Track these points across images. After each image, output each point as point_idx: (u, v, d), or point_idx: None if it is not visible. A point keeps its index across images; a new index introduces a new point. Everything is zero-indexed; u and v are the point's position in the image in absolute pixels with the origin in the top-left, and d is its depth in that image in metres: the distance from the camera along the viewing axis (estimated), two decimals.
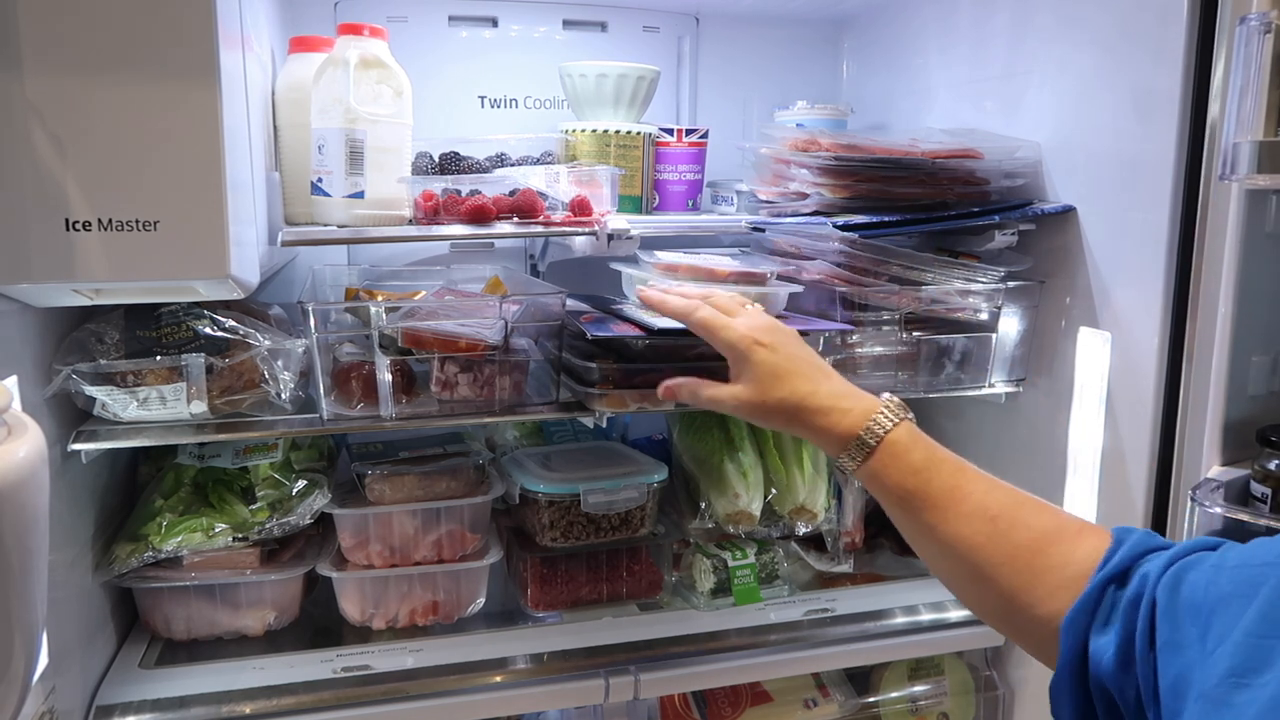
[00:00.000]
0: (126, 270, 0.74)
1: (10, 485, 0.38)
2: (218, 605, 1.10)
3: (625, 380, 1.05)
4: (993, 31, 1.25)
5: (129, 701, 0.99)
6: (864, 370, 1.15)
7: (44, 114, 0.70)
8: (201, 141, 0.74)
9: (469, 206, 1.02)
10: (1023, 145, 1.17)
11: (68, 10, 0.69)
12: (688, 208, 1.30)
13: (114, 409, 0.94)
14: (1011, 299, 1.16)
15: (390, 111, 1.01)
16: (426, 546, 1.12)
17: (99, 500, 1.07)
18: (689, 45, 1.51)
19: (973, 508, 0.69)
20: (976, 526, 0.68)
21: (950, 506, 0.70)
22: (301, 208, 1.06)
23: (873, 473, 0.74)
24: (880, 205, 1.13)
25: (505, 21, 1.41)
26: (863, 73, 1.57)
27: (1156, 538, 0.64)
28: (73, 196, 0.72)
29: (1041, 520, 0.68)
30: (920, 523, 0.72)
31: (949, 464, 0.73)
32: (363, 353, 1.03)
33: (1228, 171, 0.81)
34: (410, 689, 1.04)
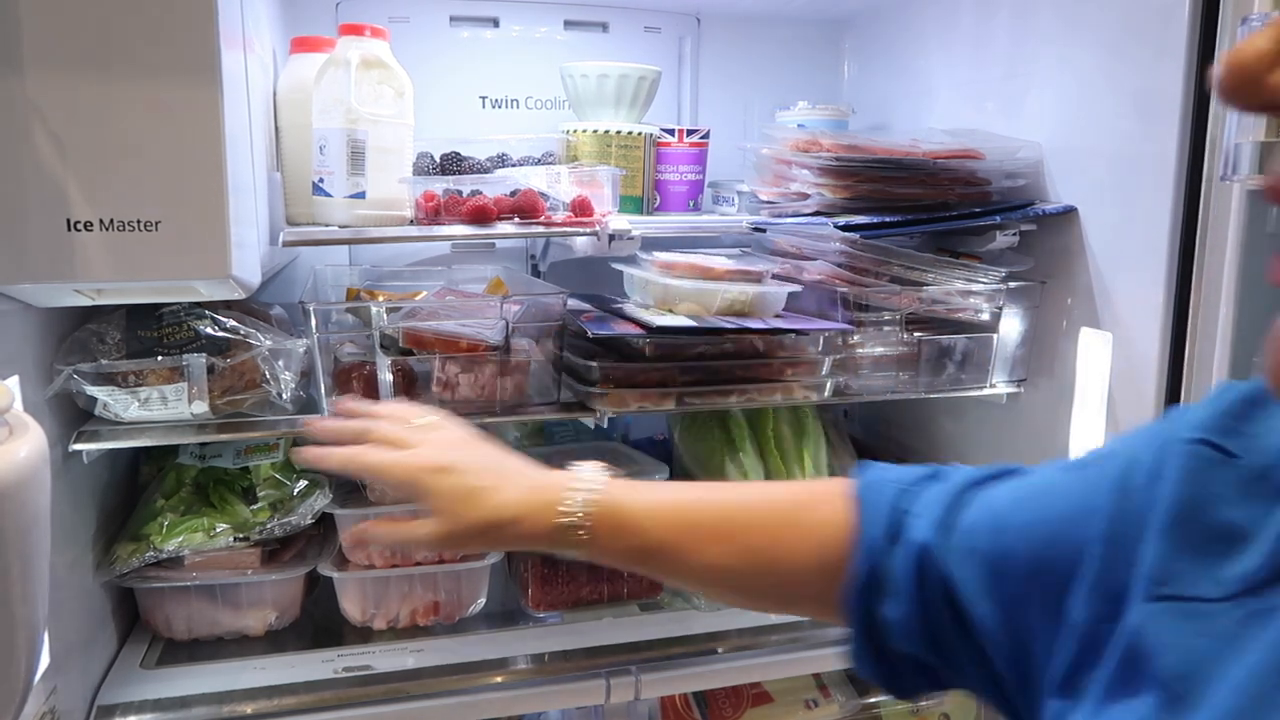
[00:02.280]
0: (128, 270, 0.74)
1: (12, 485, 0.38)
2: (219, 605, 1.10)
3: (626, 379, 1.05)
4: (994, 32, 1.25)
5: (130, 701, 0.99)
6: (864, 371, 1.15)
7: (46, 114, 0.70)
8: (203, 142, 0.74)
9: (470, 207, 1.02)
10: (1024, 146, 1.17)
11: (69, 10, 0.69)
12: (689, 208, 1.30)
13: (115, 409, 0.94)
14: (1013, 299, 1.16)
15: (392, 112, 1.01)
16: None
17: (100, 500, 1.07)
18: (690, 46, 1.51)
19: (702, 539, 0.68)
20: (714, 553, 0.68)
21: (681, 551, 0.69)
22: (303, 208, 1.06)
23: (601, 551, 0.71)
24: (881, 206, 1.13)
25: (506, 22, 1.42)
26: (864, 73, 1.57)
27: (899, 480, 0.64)
28: (74, 196, 0.72)
29: (773, 513, 0.69)
30: (662, 573, 0.72)
31: (666, 506, 0.70)
32: (364, 353, 1.03)
33: (1229, 172, 0.81)
34: (411, 689, 1.04)
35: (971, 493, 0.60)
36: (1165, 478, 0.46)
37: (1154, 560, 0.44)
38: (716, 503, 0.71)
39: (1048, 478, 0.56)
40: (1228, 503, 0.43)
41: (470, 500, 0.71)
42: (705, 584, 0.72)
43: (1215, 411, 0.47)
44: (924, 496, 0.62)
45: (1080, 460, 0.56)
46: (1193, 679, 0.40)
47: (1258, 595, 0.40)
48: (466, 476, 0.72)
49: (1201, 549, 0.43)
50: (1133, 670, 0.42)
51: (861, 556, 0.61)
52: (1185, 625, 0.42)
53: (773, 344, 1.10)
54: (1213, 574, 0.42)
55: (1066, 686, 0.47)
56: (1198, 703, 0.40)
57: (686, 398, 1.07)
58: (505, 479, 0.73)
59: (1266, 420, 0.45)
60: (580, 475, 0.72)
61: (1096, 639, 0.46)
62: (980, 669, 0.55)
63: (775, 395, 1.11)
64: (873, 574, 0.61)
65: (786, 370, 1.11)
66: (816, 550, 0.65)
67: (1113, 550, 0.47)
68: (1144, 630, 0.43)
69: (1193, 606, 0.42)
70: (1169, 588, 0.43)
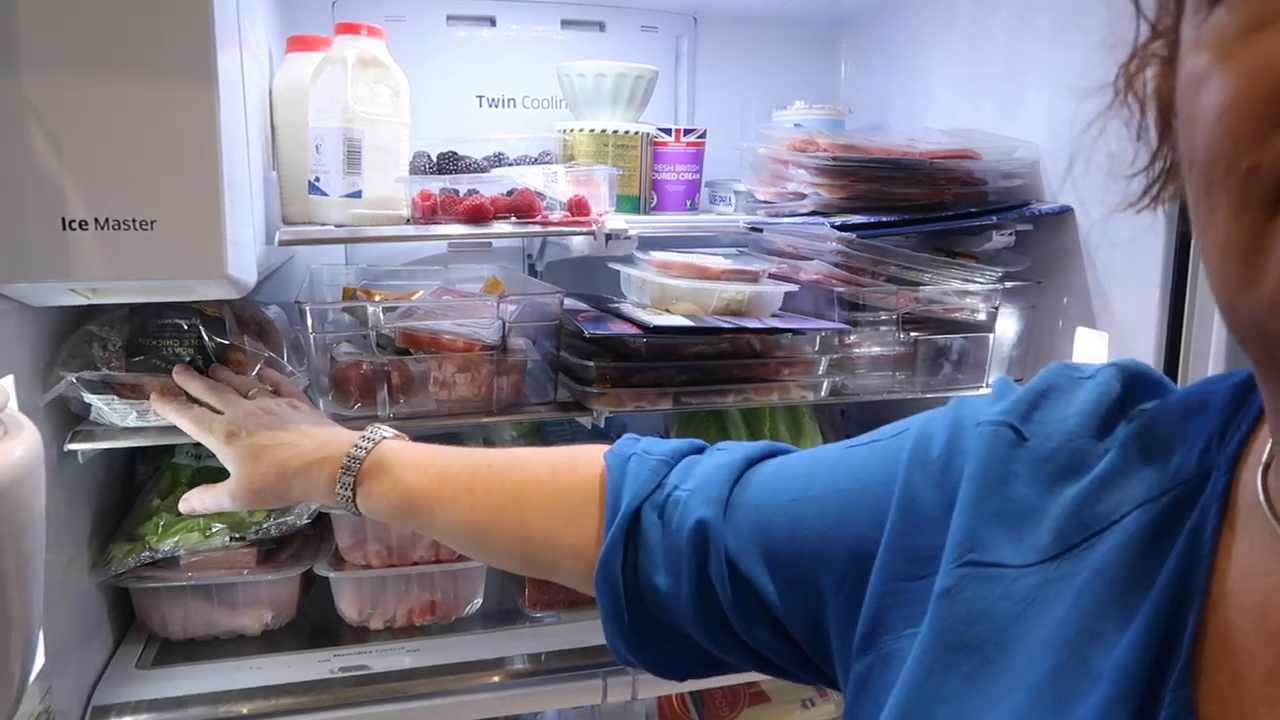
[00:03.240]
0: (123, 269, 0.74)
1: (7, 485, 0.38)
2: (215, 605, 1.10)
3: (623, 379, 1.05)
4: (991, 32, 1.25)
5: (125, 702, 0.99)
6: (861, 370, 1.15)
7: (41, 113, 0.70)
8: (198, 141, 0.73)
9: (467, 206, 1.02)
10: (1021, 146, 1.17)
11: (65, 10, 0.69)
12: (685, 207, 1.30)
13: (113, 418, 0.93)
14: (1009, 299, 1.16)
15: (388, 111, 1.01)
16: (424, 546, 1.12)
17: (95, 500, 1.07)
18: (687, 45, 1.51)
19: (453, 493, 0.71)
20: (462, 507, 0.71)
21: (433, 504, 0.72)
22: (299, 207, 1.06)
23: (370, 503, 0.75)
24: (878, 205, 1.14)
25: (503, 21, 1.41)
26: (861, 73, 1.57)
27: (661, 454, 0.66)
28: (69, 195, 0.72)
29: (525, 474, 0.71)
30: (422, 528, 0.75)
31: (426, 462, 0.74)
32: (360, 352, 1.03)
33: None
34: (408, 689, 1.04)
35: (752, 469, 0.62)
36: (968, 454, 0.49)
37: (962, 529, 0.47)
38: (474, 461, 0.73)
39: (837, 452, 0.59)
40: (1021, 480, 0.47)
41: (259, 457, 0.79)
42: (455, 539, 0.74)
43: (1014, 399, 0.51)
44: (694, 472, 0.63)
45: (868, 436, 0.58)
46: (997, 636, 0.43)
47: (1053, 563, 0.44)
48: (256, 437, 0.81)
49: (1002, 521, 0.46)
50: (943, 629, 0.45)
51: (617, 526, 0.63)
52: (989, 588, 0.45)
53: (769, 344, 1.10)
54: (1013, 544, 0.45)
55: (867, 646, 0.49)
56: (1002, 658, 0.43)
57: (683, 397, 1.07)
58: (296, 436, 0.81)
59: (1051, 409, 0.49)
60: (365, 434, 0.77)
61: (898, 599, 0.48)
62: (778, 640, 0.57)
63: (772, 395, 1.11)
64: (630, 543, 0.63)
65: (783, 370, 1.11)
66: (564, 515, 0.67)
67: (911, 516, 0.50)
68: (952, 592, 0.45)
69: (997, 572, 0.45)
70: (975, 554, 0.46)
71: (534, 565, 0.71)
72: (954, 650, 0.44)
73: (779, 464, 0.62)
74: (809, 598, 0.54)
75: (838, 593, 0.53)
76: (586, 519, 0.67)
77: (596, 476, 0.68)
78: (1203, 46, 0.32)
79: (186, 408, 0.87)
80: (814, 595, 0.54)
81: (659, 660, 0.65)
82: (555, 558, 0.68)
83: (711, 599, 0.59)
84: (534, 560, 0.70)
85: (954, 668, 0.44)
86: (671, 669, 0.65)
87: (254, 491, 0.80)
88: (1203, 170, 0.33)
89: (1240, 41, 0.30)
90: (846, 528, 0.53)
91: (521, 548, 0.69)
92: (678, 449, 0.67)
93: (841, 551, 0.53)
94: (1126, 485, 0.44)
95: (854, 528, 0.53)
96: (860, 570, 0.51)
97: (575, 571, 0.67)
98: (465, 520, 0.71)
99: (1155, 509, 0.42)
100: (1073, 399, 0.49)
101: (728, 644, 0.60)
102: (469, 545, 0.73)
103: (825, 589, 0.54)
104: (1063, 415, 0.49)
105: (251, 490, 0.80)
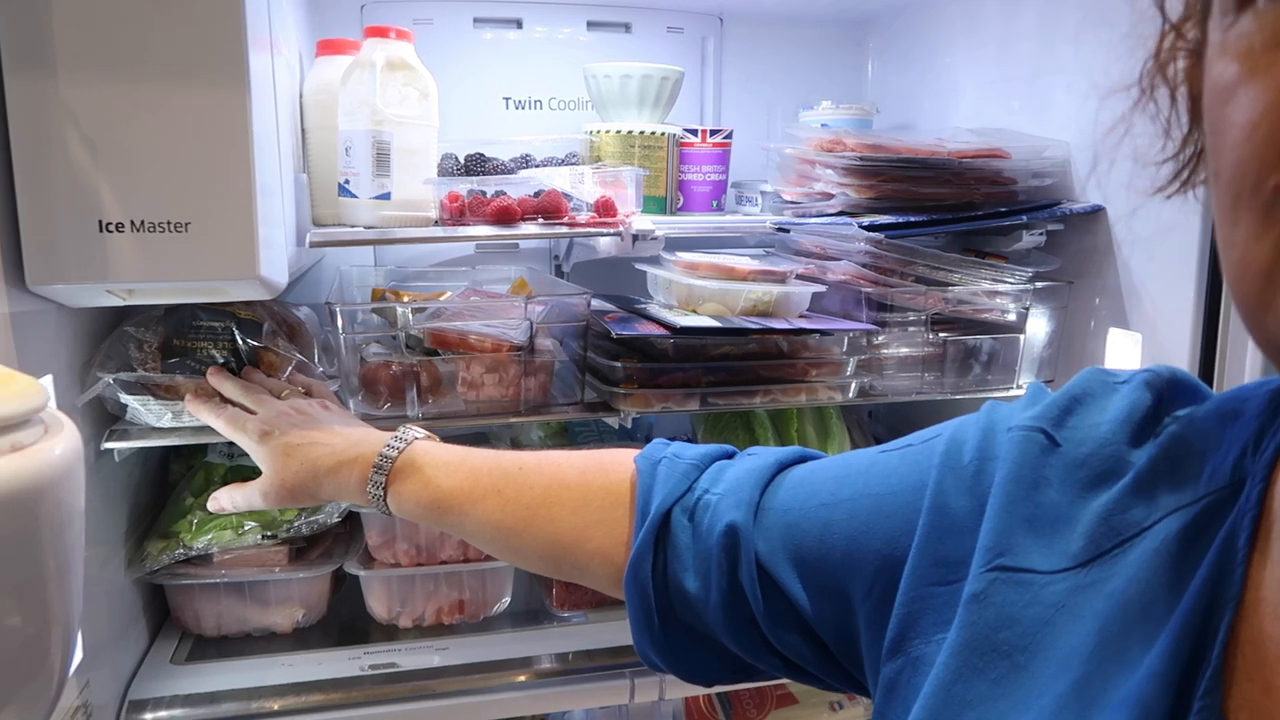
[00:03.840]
0: (158, 271, 0.75)
1: (48, 482, 0.39)
2: (247, 602, 1.11)
3: (650, 379, 1.05)
4: (1020, 31, 1.24)
5: (161, 697, 1.00)
6: (889, 371, 1.14)
7: (78, 117, 0.71)
8: (231, 144, 0.74)
9: (494, 207, 1.03)
10: (1051, 145, 1.16)
11: (100, 15, 0.71)
12: (712, 208, 1.30)
13: (148, 418, 0.95)
14: (1039, 300, 1.15)
15: (416, 113, 1.02)
16: (452, 545, 1.13)
17: (131, 498, 1.09)
18: (713, 46, 1.51)
19: (483, 494, 0.72)
20: (491, 507, 0.71)
21: (463, 504, 0.72)
22: (329, 209, 1.07)
23: (400, 503, 0.75)
24: (906, 205, 1.13)
25: (530, 23, 1.42)
26: (888, 72, 1.56)
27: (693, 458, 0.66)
28: (105, 199, 0.73)
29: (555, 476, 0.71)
30: (452, 529, 0.74)
31: (457, 463, 0.75)
32: (389, 353, 1.04)
33: None
34: (436, 687, 1.05)
35: (783, 474, 0.61)
36: (1000, 459, 0.49)
37: (993, 533, 0.47)
38: (504, 462, 0.74)
39: (869, 457, 0.59)
40: (1053, 486, 0.47)
41: (291, 454, 0.80)
42: (484, 540, 0.74)
43: (1047, 404, 0.51)
44: (725, 476, 0.63)
45: (900, 441, 0.58)
46: (1026, 642, 0.43)
47: (1083, 569, 0.44)
48: (289, 436, 0.81)
49: (1033, 526, 0.46)
50: (971, 633, 0.45)
51: (646, 528, 0.62)
52: (1019, 594, 0.44)
53: (797, 344, 1.10)
54: (1043, 549, 0.45)
55: (896, 650, 0.49)
56: (1031, 663, 0.43)
57: (710, 398, 1.07)
58: (329, 436, 0.81)
59: (1085, 415, 0.49)
60: (397, 435, 0.78)
61: (928, 604, 0.48)
62: (808, 645, 0.57)
63: (799, 396, 1.11)
64: (660, 546, 0.62)
65: (810, 371, 1.10)
66: (594, 517, 0.68)
67: (942, 521, 0.50)
68: (981, 596, 0.45)
69: (1027, 577, 0.45)
70: (1005, 559, 0.46)
71: (562, 567, 0.70)
72: (982, 655, 0.44)
73: (810, 468, 0.62)
74: (838, 602, 0.54)
75: (867, 597, 0.52)
76: (616, 522, 0.67)
77: (626, 480, 0.68)
78: (1230, 55, 0.32)
79: (220, 408, 0.88)
80: (843, 600, 0.54)
81: (688, 665, 0.64)
82: (584, 560, 0.68)
83: (741, 603, 0.59)
84: (562, 562, 0.70)
85: (981, 672, 0.44)
86: (700, 674, 0.65)
87: (286, 489, 0.81)
88: (1229, 186, 0.33)
89: (1268, 55, 0.30)
90: (876, 532, 0.53)
91: (550, 549, 0.69)
92: (708, 453, 0.67)
93: (871, 556, 0.53)
94: (1159, 492, 0.44)
95: (884, 532, 0.53)
96: (890, 575, 0.51)
97: (604, 574, 0.68)
98: (495, 521, 0.71)
99: (1187, 516, 0.42)
100: (1107, 405, 0.49)
101: (757, 649, 0.60)
102: (498, 546, 0.73)
103: (855, 594, 0.53)
104: (1096, 421, 0.48)
105: (284, 488, 0.81)
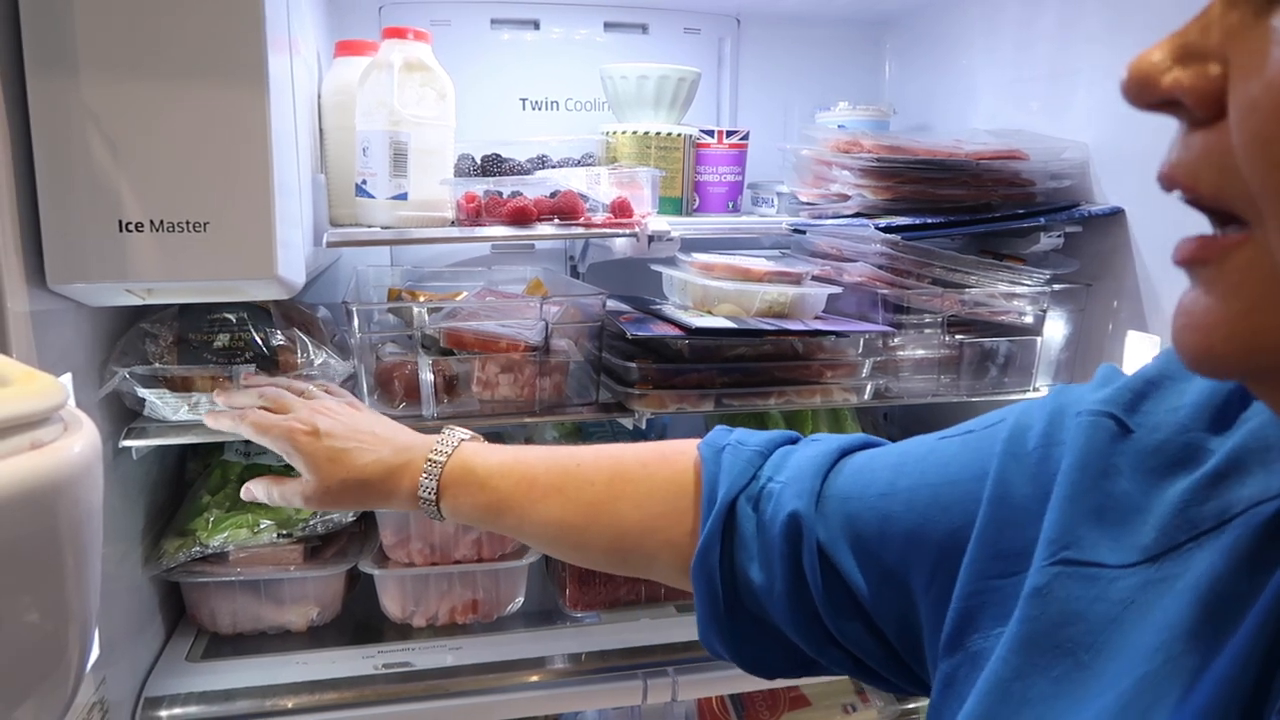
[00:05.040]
0: (177, 270, 0.76)
1: (67, 480, 0.39)
2: (262, 600, 1.12)
3: (664, 380, 1.05)
4: (1039, 32, 1.23)
5: (176, 694, 1.01)
6: (905, 373, 1.14)
7: (99, 118, 0.72)
8: (250, 145, 0.75)
9: (510, 208, 1.03)
10: (1070, 146, 1.15)
11: (121, 16, 0.71)
12: (728, 209, 1.30)
13: (164, 411, 0.95)
14: (1057, 302, 1.14)
15: (433, 114, 1.02)
16: (466, 545, 1.13)
17: (148, 495, 1.09)
18: (730, 47, 1.50)
19: (543, 493, 0.70)
20: (552, 506, 0.70)
21: (522, 505, 0.71)
22: (346, 209, 1.07)
23: (454, 508, 0.74)
24: (923, 207, 1.12)
25: (547, 24, 1.42)
26: (905, 73, 1.56)
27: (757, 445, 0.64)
28: (126, 198, 0.73)
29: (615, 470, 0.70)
30: (510, 530, 0.73)
31: (511, 463, 0.73)
32: (405, 353, 1.04)
33: None
34: (450, 686, 1.05)
35: (844, 460, 0.60)
36: (1067, 445, 0.47)
37: (1057, 525, 0.44)
38: (561, 459, 0.72)
39: (928, 444, 0.57)
40: (1123, 475, 0.44)
41: (338, 460, 0.77)
42: (545, 540, 0.72)
43: (1118, 388, 0.48)
44: (788, 464, 0.62)
45: (962, 427, 0.56)
46: (1091, 640, 0.41)
47: (1154, 564, 0.41)
48: (335, 440, 0.78)
49: (1101, 517, 0.44)
50: (1032, 629, 0.43)
51: (714, 518, 0.61)
52: (1085, 589, 0.42)
53: (812, 346, 1.09)
54: (1111, 542, 0.43)
55: (955, 645, 0.47)
56: (1096, 662, 0.41)
57: (725, 399, 1.07)
58: (376, 442, 0.78)
59: (1161, 400, 0.46)
60: (443, 438, 0.76)
61: (988, 597, 0.46)
62: (870, 636, 0.56)
63: (815, 397, 1.10)
64: (727, 535, 0.61)
65: (826, 372, 1.10)
66: (660, 508, 0.66)
67: (1004, 511, 0.47)
68: (1044, 591, 0.43)
69: (1094, 571, 0.43)
70: (1070, 552, 0.43)
71: (629, 561, 0.69)
72: (1044, 652, 0.42)
73: (869, 455, 0.60)
74: (899, 594, 0.53)
75: (928, 589, 0.51)
76: (682, 513, 0.65)
77: (690, 469, 0.66)
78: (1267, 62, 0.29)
79: (242, 414, 0.85)
80: (904, 591, 0.52)
81: (752, 656, 0.63)
82: (651, 551, 0.67)
83: (804, 593, 0.57)
84: (629, 555, 0.68)
85: (1043, 670, 0.42)
86: (764, 666, 0.63)
87: (331, 496, 0.79)
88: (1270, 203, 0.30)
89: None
90: (935, 523, 0.51)
91: (617, 543, 0.68)
92: (772, 439, 0.65)
93: (930, 548, 0.51)
94: (1240, 484, 0.41)
95: (943, 523, 0.51)
96: (950, 568, 0.49)
97: (671, 565, 0.66)
98: (557, 520, 0.69)
99: (1269, 510, 0.39)
100: (1187, 388, 0.45)
101: (820, 640, 0.58)
102: (560, 545, 0.72)
103: (915, 586, 0.52)
104: (1175, 405, 0.45)
105: (329, 495, 0.79)
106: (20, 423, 0.38)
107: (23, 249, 0.72)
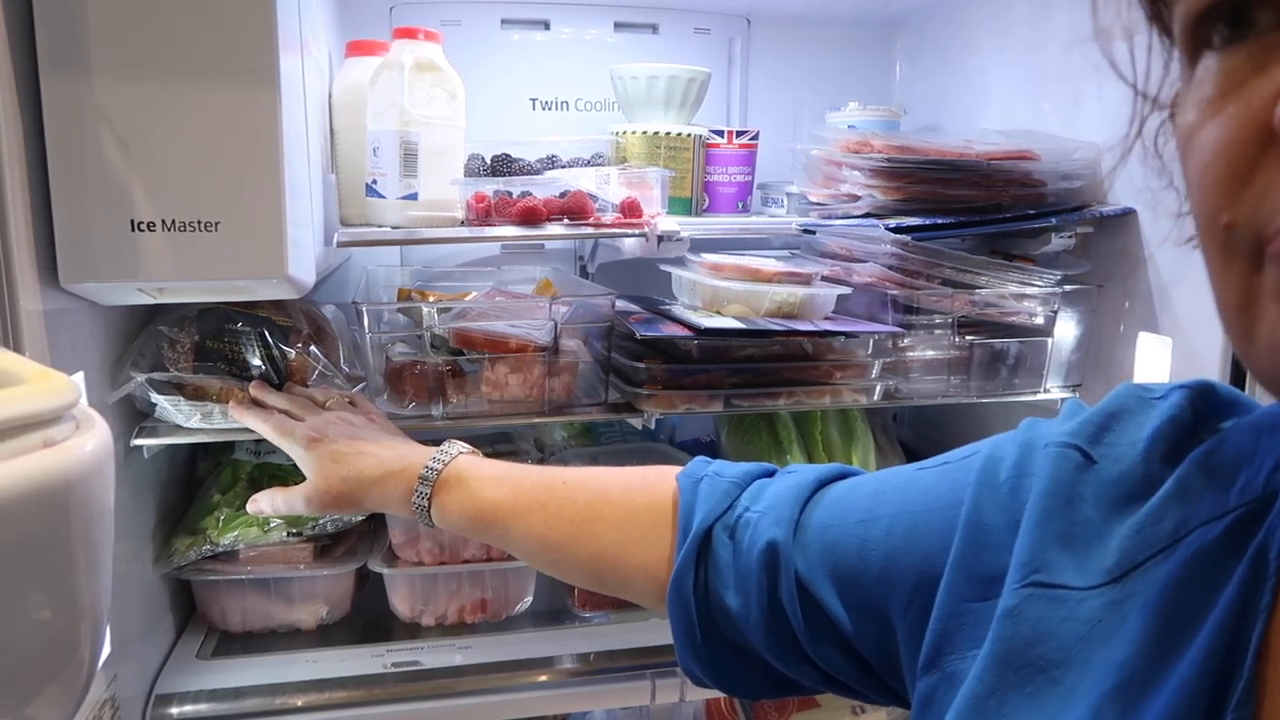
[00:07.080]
0: (188, 269, 0.76)
1: (78, 478, 0.39)
2: (272, 599, 1.12)
3: (673, 381, 1.05)
4: (1050, 32, 1.22)
5: (186, 691, 1.01)
6: (915, 374, 1.14)
7: (112, 118, 0.72)
8: (262, 145, 0.75)
9: (520, 208, 1.03)
10: (1081, 147, 1.15)
11: (134, 17, 0.71)
12: (738, 210, 1.30)
13: (177, 419, 0.95)
14: (1068, 303, 1.14)
15: (444, 114, 1.02)
16: (475, 545, 1.13)
17: (159, 494, 1.10)
18: (740, 47, 1.50)
19: (527, 508, 0.73)
20: (535, 522, 0.72)
21: (507, 518, 0.73)
22: (356, 209, 1.07)
23: (445, 515, 0.76)
24: (934, 208, 1.12)
25: (557, 24, 1.42)
26: (916, 74, 1.55)
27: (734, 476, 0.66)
28: (138, 198, 0.74)
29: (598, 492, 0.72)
30: (496, 541, 0.75)
31: (501, 477, 0.76)
32: (415, 352, 1.04)
33: None
34: (458, 686, 1.05)
35: (822, 491, 0.62)
36: (1036, 475, 0.49)
37: (1027, 549, 0.47)
38: (548, 477, 0.74)
39: (906, 474, 0.59)
40: (1087, 503, 0.47)
41: (338, 462, 0.81)
42: (528, 553, 0.74)
43: (1082, 421, 0.50)
44: (765, 494, 0.63)
45: (938, 459, 0.58)
46: (1061, 657, 0.43)
47: (1117, 584, 0.44)
48: (338, 444, 0.83)
49: (1068, 542, 0.46)
50: (1006, 648, 0.45)
51: (688, 546, 0.63)
52: (1054, 609, 0.45)
53: (821, 346, 1.09)
54: (1077, 565, 0.45)
55: (932, 666, 0.49)
56: (1067, 677, 0.43)
57: (734, 400, 1.07)
58: (376, 447, 0.82)
59: (1123, 432, 0.49)
60: (442, 449, 0.79)
61: (964, 620, 0.48)
62: (849, 661, 0.57)
63: (824, 398, 1.10)
64: (701, 563, 0.63)
65: (835, 373, 1.10)
66: (637, 533, 0.68)
67: (978, 537, 0.50)
68: (1015, 612, 0.45)
69: (1062, 593, 0.45)
70: (1040, 575, 0.46)
71: (605, 582, 0.71)
72: (1018, 670, 0.44)
73: (848, 485, 0.62)
74: (878, 619, 0.54)
75: (905, 614, 0.52)
76: (659, 539, 0.67)
77: (669, 496, 0.68)
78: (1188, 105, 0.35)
79: (267, 414, 0.90)
80: (883, 616, 0.54)
81: (730, 680, 0.65)
82: (626, 575, 0.69)
83: (781, 620, 0.59)
84: (605, 577, 0.70)
85: (1016, 687, 0.44)
86: (743, 689, 0.65)
87: (331, 496, 0.82)
88: (1199, 230, 0.35)
89: (1215, 104, 0.33)
90: (913, 549, 0.53)
91: (593, 564, 0.70)
92: (749, 471, 0.67)
93: (908, 573, 0.53)
94: (1190, 505, 0.44)
95: (921, 549, 0.53)
96: (927, 592, 0.51)
97: (647, 590, 0.68)
98: (538, 535, 0.72)
99: (1219, 528, 0.42)
100: (1144, 421, 0.49)
101: (798, 664, 0.60)
102: (541, 560, 0.74)
103: (893, 610, 0.53)
104: (1133, 439, 0.48)
105: (329, 495, 0.82)
106: (33, 421, 0.38)
107: (35, 248, 0.72)
